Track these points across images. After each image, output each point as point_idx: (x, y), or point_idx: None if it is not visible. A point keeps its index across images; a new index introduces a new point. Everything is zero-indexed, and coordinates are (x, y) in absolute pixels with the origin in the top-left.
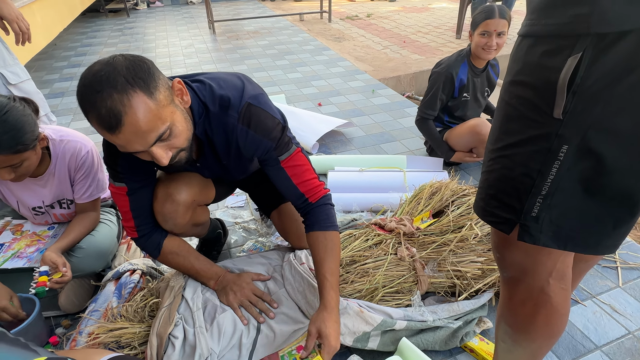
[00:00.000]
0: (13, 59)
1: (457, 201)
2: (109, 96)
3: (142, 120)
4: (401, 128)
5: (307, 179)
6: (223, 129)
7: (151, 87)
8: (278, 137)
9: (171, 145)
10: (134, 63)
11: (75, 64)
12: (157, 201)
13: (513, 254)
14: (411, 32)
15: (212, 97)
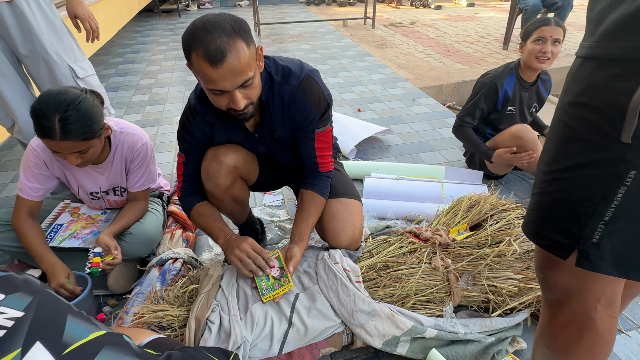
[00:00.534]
0: (82, 55)
1: (496, 215)
2: (219, 36)
3: (239, 62)
4: (441, 138)
5: (326, 154)
6: (281, 97)
7: (249, 40)
8: (323, 111)
9: (247, 95)
10: (238, 19)
11: (129, 60)
12: (205, 160)
13: (559, 276)
14: (456, 41)
15: (276, 68)
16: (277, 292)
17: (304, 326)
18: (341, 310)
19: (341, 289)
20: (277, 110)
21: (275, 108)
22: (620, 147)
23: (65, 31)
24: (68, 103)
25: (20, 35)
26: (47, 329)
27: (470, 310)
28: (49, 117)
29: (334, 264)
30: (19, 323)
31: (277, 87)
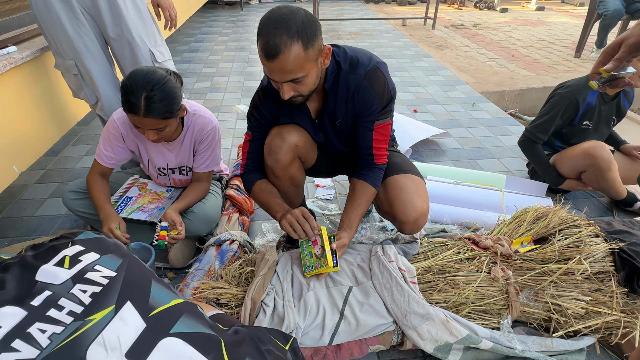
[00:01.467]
0: (162, 40)
1: (565, 231)
2: (280, 35)
3: (289, 63)
4: (501, 146)
5: (383, 146)
6: (347, 85)
7: (309, 44)
8: (385, 103)
9: (296, 89)
10: (308, 21)
11: (193, 49)
12: (269, 136)
13: None
14: (522, 46)
15: (345, 57)
16: (318, 270)
17: (356, 320)
18: (394, 309)
19: (395, 288)
20: (341, 98)
21: (339, 96)
22: None
23: (149, 17)
24: (155, 83)
25: (111, 19)
26: (136, 291)
27: (529, 327)
28: (136, 94)
29: (389, 262)
30: (112, 282)
31: (343, 75)
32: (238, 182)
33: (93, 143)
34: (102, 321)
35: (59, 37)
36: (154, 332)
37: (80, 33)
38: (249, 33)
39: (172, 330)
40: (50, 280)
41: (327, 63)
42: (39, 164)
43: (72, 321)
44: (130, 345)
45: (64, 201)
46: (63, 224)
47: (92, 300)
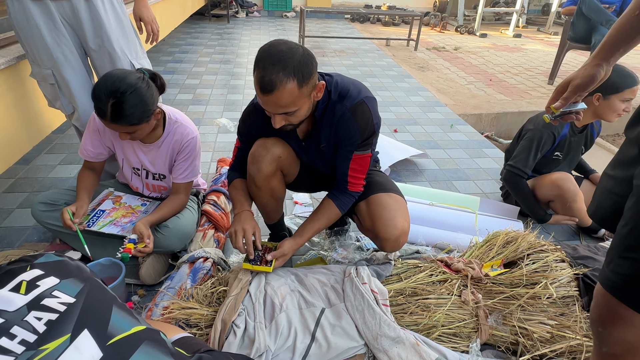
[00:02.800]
0: (143, 53)
1: (533, 256)
2: (277, 72)
3: (283, 100)
4: (477, 168)
5: (359, 175)
6: (333, 114)
7: (304, 83)
8: (366, 137)
9: (287, 119)
10: (306, 60)
11: (177, 59)
12: (255, 146)
13: (623, 332)
14: (499, 70)
15: (336, 88)
16: (256, 267)
17: (327, 343)
18: (365, 332)
19: (367, 310)
20: (326, 124)
21: (325, 123)
22: None
23: (131, 29)
24: (123, 91)
25: (92, 30)
26: (95, 318)
27: (497, 350)
28: (103, 101)
29: (362, 284)
30: (70, 308)
31: (331, 104)
32: (215, 197)
33: (68, 152)
34: (56, 351)
35: (36, 46)
36: None
37: (59, 43)
38: (234, 46)
39: (130, 359)
40: (4, 307)
41: (320, 96)
42: (9, 172)
43: (23, 351)
44: None
45: (32, 212)
46: (30, 235)
47: (47, 328)
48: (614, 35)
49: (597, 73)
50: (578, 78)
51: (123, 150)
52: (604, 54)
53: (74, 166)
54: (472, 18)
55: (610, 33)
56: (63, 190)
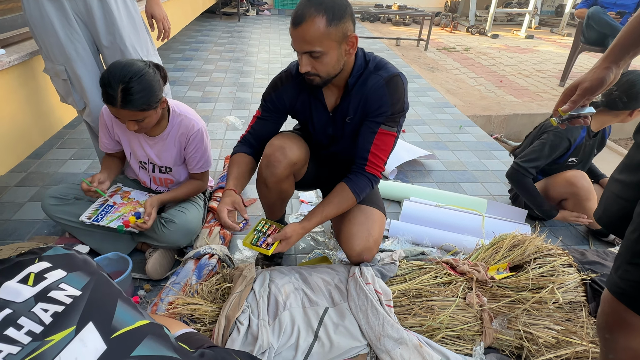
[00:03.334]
0: (154, 50)
1: (540, 260)
2: (310, 7)
3: (309, 33)
4: (485, 170)
5: (380, 155)
6: (366, 82)
7: (333, 22)
8: (396, 111)
9: (314, 65)
10: (340, 3)
11: (188, 57)
12: (271, 147)
13: (630, 340)
14: (510, 72)
15: (374, 60)
16: (256, 248)
17: (330, 342)
18: (369, 332)
19: (371, 311)
20: (357, 94)
21: (357, 93)
22: None
23: (142, 27)
24: (132, 75)
25: (104, 27)
26: (100, 311)
27: (501, 354)
28: (113, 86)
29: (366, 284)
30: (76, 301)
31: (366, 74)
32: (221, 194)
33: (79, 147)
34: (61, 342)
35: (50, 42)
36: (114, 354)
37: (72, 39)
38: (244, 44)
39: (133, 353)
40: (12, 297)
41: (352, 53)
42: (21, 166)
43: (29, 341)
44: None
45: (43, 206)
46: (41, 229)
47: (53, 320)
48: (623, 38)
49: (607, 76)
50: (587, 81)
51: (130, 144)
52: (613, 57)
53: (84, 161)
54: (484, 18)
55: (620, 36)
56: (73, 184)
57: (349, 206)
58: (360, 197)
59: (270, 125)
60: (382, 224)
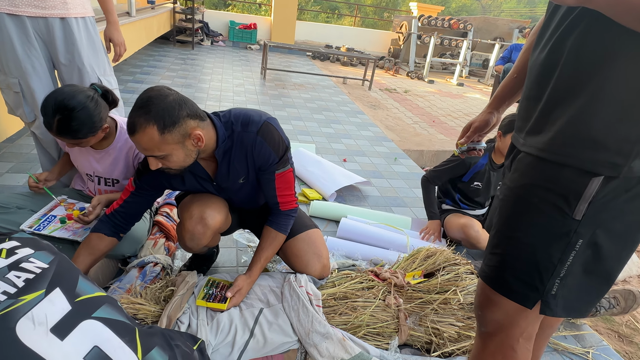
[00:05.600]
0: (110, 70)
1: (448, 267)
2: (139, 115)
3: (143, 142)
4: (414, 197)
5: (286, 193)
6: (242, 143)
7: (166, 129)
8: (282, 153)
9: (163, 163)
10: (172, 107)
11: (138, 80)
12: (190, 220)
13: (494, 313)
14: (442, 114)
15: (237, 120)
16: (210, 304)
17: (264, 338)
18: (299, 329)
19: (302, 309)
20: (239, 157)
21: (237, 155)
22: (573, 222)
23: (101, 48)
24: (70, 109)
25: (63, 46)
26: (65, 280)
27: (413, 349)
28: (49, 115)
29: (299, 287)
30: (45, 272)
31: (237, 136)
32: (168, 209)
33: (17, 161)
34: (33, 301)
35: (7, 57)
36: (78, 314)
37: (30, 55)
38: (197, 72)
39: (93, 314)
40: None
41: (202, 145)
42: None
43: (5, 299)
44: (56, 322)
45: None
46: None
47: (25, 284)
48: (500, 91)
49: (490, 119)
50: (477, 122)
51: (75, 157)
52: (495, 104)
53: (22, 175)
54: (422, 65)
55: (499, 89)
56: (15, 194)
57: (280, 243)
58: (287, 231)
59: (144, 201)
60: (322, 238)
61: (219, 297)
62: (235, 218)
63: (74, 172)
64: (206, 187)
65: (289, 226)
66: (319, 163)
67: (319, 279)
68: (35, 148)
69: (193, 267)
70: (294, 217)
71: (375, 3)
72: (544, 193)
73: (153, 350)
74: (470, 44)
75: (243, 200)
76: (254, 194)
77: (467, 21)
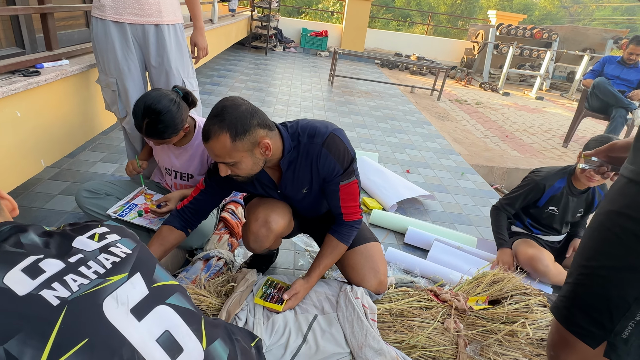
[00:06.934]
0: (194, 73)
1: (516, 297)
2: (214, 123)
3: (215, 149)
4: (480, 215)
5: (351, 204)
6: (307, 155)
7: (237, 137)
8: (347, 165)
9: (232, 170)
10: (244, 116)
11: (215, 82)
12: (256, 222)
13: (568, 356)
14: (517, 129)
15: (303, 131)
16: (267, 304)
17: (316, 345)
18: (352, 341)
19: (356, 322)
20: (304, 167)
21: (302, 167)
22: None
23: (187, 52)
24: (157, 112)
25: (155, 50)
26: (144, 266)
27: None
28: (139, 118)
29: (355, 298)
30: (128, 257)
31: (303, 147)
32: (234, 207)
33: (108, 152)
34: (117, 282)
35: (109, 58)
36: (154, 298)
37: (127, 58)
38: (268, 77)
39: (167, 300)
40: (83, 247)
41: (269, 154)
42: (56, 162)
43: (95, 278)
44: (135, 304)
45: (77, 198)
46: (67, 219)
47: (112, 266)
48: None
49: None
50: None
51: (157, 152)
52: None
53: (111, 164)
54: (497, 77)
55: None
56: (104, 182)
57: (341, 253)
58: (349, 242)
59: (213, 199)
60: (381, 252)
61: (276, 297)
62: (297, 223)
63: (154, 165)
64: (271, 194)
65: (352, 237)
66: (381, 172)
67: (375, 294)
68: (123, 141)
69: (253, 265)
70: (357, 229)
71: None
72: (627, 221)
73: (216, 341)
74: (555, 55)
75: (306, 208)
76: (316, 204)
77: (552, 30)
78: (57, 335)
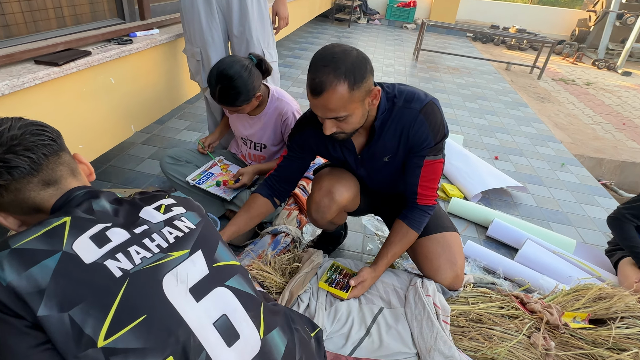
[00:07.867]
0: (273, 43)
1: (628, 320)
2: (327, 73)
3: (332, 102)
4: (583, 215)
5: (430, 185)
6: (400, 119)
7: (355, 85)
8: (439, 139)
9: (339, 126)
10: (359, 62)
11: (296, 55)
12: (319, 191)
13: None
14: (637, 115)
15: (400, 93)
16: (332, 289)
17: (380, 340)
18: (420, 342)
19: (426, 322)
20: (392, 133)
21: (391, 132)
22: None
23: (268, 22)
24: (229, 78)
25: (238, 19)
26: (207, 244)
27: None
28: (213, 85)
29: (426, 295)
30: (191, 232)
31: (397, 111)
32: (305, 183)
33: (193, 120)
34: (179, 259)
35: (194, 28)
36: (213, 279)
37: (211, 27)
38: None
39: (226, 282)
40: (149, 218)
41: (376, 103)
42: (147, 128)
43: (158, 252)
44: (194, 283)
45: (160, 163)
46: (153, 182)
47: (175, 241)
48: None
49: None
50: None
51: (234, 121)
52: None
53: (195, 133)
54: (617, 53)
55: None
56: (187, 150)
57: (411, 241)
58: (420, 230)
59: (296, 165)
60: (459, 244)
61: (341, 284)
62: (367, 201)
63: (232, 136)
64: (348, 159)
65: (423, 224)
66: (465, 157)
67: (449, 290)
68: (205, 111)
69: (320, 245)
70: (429, 215)
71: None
72: None
73: (274, 330)
74: None
75: (381, 181)
76: (393, 177)
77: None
78: (117, 308)
